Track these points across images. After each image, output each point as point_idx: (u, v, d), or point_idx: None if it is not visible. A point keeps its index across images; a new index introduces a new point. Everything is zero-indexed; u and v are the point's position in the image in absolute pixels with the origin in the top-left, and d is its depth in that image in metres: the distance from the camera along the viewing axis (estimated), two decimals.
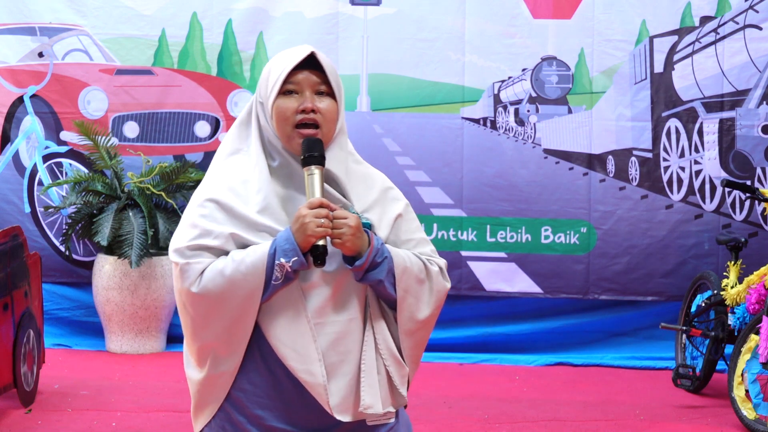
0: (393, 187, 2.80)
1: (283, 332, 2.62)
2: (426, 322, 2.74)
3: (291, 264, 2.56)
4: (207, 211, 2.64)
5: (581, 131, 7.63)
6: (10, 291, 5.85)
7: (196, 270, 2.60)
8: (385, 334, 2.70)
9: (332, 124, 2.67)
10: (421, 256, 2.73)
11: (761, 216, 7.47)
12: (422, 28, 7.62)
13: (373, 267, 2.62)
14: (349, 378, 2.65)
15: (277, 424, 2.67)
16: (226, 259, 2.60)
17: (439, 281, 2.75)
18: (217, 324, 2.62)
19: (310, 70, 2.66)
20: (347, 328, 2.66)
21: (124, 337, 7.41)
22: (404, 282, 2.67)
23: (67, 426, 5.75)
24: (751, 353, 5.90)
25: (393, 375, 2.70)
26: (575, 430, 5.92)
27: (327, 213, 2.57)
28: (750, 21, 7.47)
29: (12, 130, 7.70)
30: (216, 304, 2.60)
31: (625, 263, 7.61)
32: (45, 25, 7.68)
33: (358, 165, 2.76)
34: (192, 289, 2.60)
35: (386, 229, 2.72)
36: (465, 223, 7.63)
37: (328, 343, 2.64)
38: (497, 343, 7.64)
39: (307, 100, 2.64)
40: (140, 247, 7.19)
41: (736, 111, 7.49)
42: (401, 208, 2.76)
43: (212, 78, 7.70)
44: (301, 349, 2.61)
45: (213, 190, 2.66)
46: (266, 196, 2.64)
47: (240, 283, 2.58)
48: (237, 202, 2.63)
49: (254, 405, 2.67)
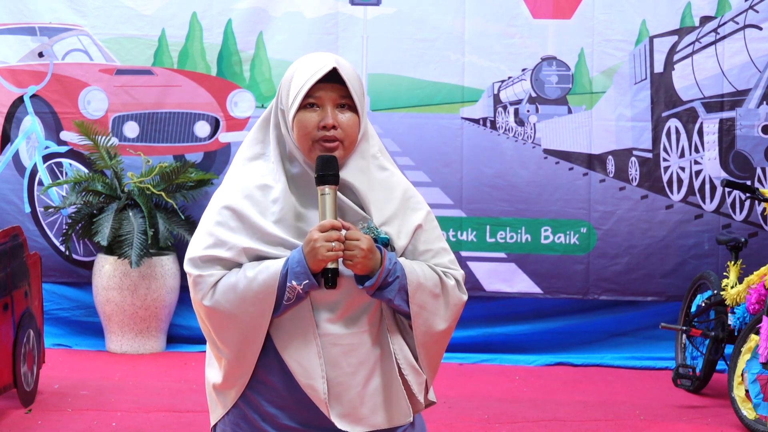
0: (415, 195, 2.76)
1: (290, 346, 2.65)
2: (443, 335, 2.74)
3: (302, 287, 2.58)
4: (222, 219, 2.66)
5: (581, 131, 7.63)
6: (10, 291, 5.85)
7: (209, 283, 2.63)
8: (402, 344, 2.71)
9: (353, 137, 2.66)
10: (437, 269, 2.71)
11: (761, 216, 7.47)
12: (422, 28, 7.62)
13: (384, 286, 2.62)
14: (360, 389, 2.67)
15: (290, 423, 2.69)
16: (240, 273, 2.62)
17: (455, 295, 2.73)
18: (230, 335, 2.65)
19: (332, 83, 2.65)
20: (359, 341, 2.67)
21: (124, 337, 7.41)
22: (418, 298, 2.66)
23: (67, 426, 5.75)
24: (751, 353, 5.90)
25: (411, 383, 2.72)
26: (575, 430, 5.92)
27: (338, 236, 2.56)
28: (750, 21, 7.47)
29: (12, 130, 7.70)
30: (228, 318, 2.63)
31: (625, 263, 7.61)
32: (45, 25, 7.68)
33: (381, 171, 2.74)
34: (204, 302, 2.64)
35: (405, 240, 2.70)
36: (465, 224, 7.63)
37: (338, 356, 2.65)
38: (497, 344, 7.64)
39: (329, 116, 2.63)
40: (140, 247, 7.19)
41: (736, 111, 7.49)
42: (421, 218, 2.73)
43: (212, 78, 7.69)
44: (306, 364, 2.63)
45: (230, 196, 2.68)
46: (283, 208, 2.64)
47: (251, 300, 2.60)
48: (252, 211, 2.64)
49: (268, 404, 2.69)
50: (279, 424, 2.69)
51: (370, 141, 2.74)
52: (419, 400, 2.75)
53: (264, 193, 2.66)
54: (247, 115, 7.68)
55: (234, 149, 7.67)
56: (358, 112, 2.66)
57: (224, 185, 2.73)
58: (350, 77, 2.66)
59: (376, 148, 2.75)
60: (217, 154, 7.71)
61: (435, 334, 2.71)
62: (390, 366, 2.69)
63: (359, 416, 2.68)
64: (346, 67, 2.68)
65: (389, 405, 2.70)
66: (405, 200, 2.73)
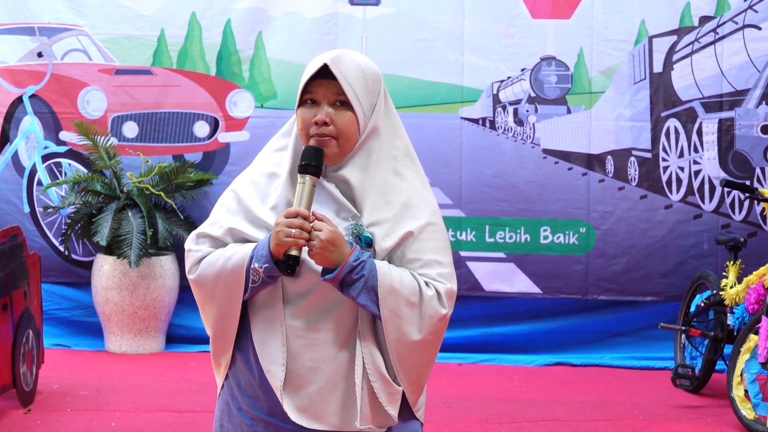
0: (418, 205, 2.69)
1: (260, 331, 2.69)
2: (419, 347, 2.65)
3: (263, 270, 2.61)
4: (226, 201, 2.77)
5: (580, 131, 7.63)
6: (10, 291, 5.85)
7: (195, 258, 2.74)
8: (372, 351, 2.65)
9: (349, 135, 2.66)
10: (420, 278, 2.65)
11: (760, 216, 7.47)
12: (421, 28, 7.62)
13: (348, 283, 2.59)
14: (320, 386, 2.66)
15: (260, 415, 2.71)
16: (221, 251, 2.70)
17: (432, 306, 2.64)
18: (209, 311, 2.76)
19: (330, 80, 2.65)
20: (323, 337, 2.66)
21: (124, 337, 7.41)
22: (390, 303, 2.61)
23: (66, 426, 5.75)
24: (750, 353, 5.90)
25: (378, 392, 2.65)
26: (574, 430, 5.92)
27: (301, 223, 2.56)
28: (749, 21, 7.47)
29: (11, 130, 7.70)
30: (207, 293, 2.73)
31: (624, 263, 7.61)
32: (44, 25, 7.68)
33: (393, 176, 2.71)
34: (190, 275, 2.76)
35: (390, 243, 2.66)
36: (464, 224, 7.64)
37: (301, 348, 2.66)
38: (496, 344, 7.64)
39: (321, 112, 2.65)
40: (139, 247, 7.19)
41: (736, 111, 7.50)
42: (416, 227, 2.66)
43: (211, 78, 7.69)
44: (271, 349, 2.67)
45: (240, 182, 2.78)
46: (281, 195, 2.69)
47: (225, 279, 2.68)
48: (252, 196, 2.71)
49: (243, 393, 2.74)
50: (251, 414, 2.72)
51: (390, 140, 2.73)
52: (388, 412, 2.67)
53: (269, 180, 2.72)
54: (246, 115, 7.68)
55: (233, 149, 7.68)
56: (356, 110, 2.66)
57: (243, 172, 2.82)
58: (349, 74, 2.65)
59: (400, 150, 2.74)
60: (217, 154, 7.71)
61: (408, 344, 2.64)
62: (359, 372, 2.64)
63: (317, 413, 2.66)
64: (348, 64, 2.66)
65: (346, 408, 2.66)
66: (405, 207, 2.69)
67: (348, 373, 2.66)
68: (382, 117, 2.71)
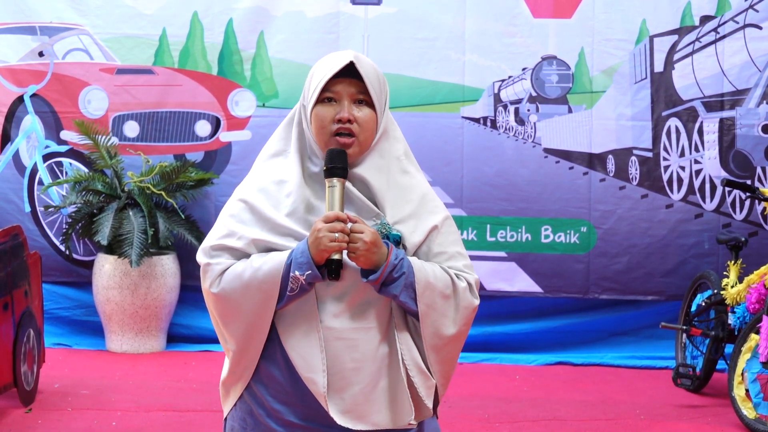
0: (434, 200, 2.77)
1: (294, 339, 2.65)
2: (453, 339, 2.70)
3: (305, 277, 2.59)
4: (236, 211, 2.70)
5: (581, 130, 7.63)
6: (11, 290, 5.85)
7: (217, 271, 2.66)
8: (410, 345, 2.68)
9: (369, 133, 2.68)
10: (450, 271, 2.69)
11: (761, 215, 7.47)
12: (422, 27, 7.62)
13: (389, 282, 2.61)
14: (362, 386, 2.65)
15: (294, 420, 2.69)
16: (247, 262, 2.64)
17: (466, 297, 2.70)
18: (235, 324, 2.67)
19: (350, 78, 2.66)
20: (363, 336, 2.65)
21: (124, 337, 7.41)
22: (426, 297, 2.65)
23: (67, 425, 5.75)
24: (751, 353, 5.90)
25: (418, 386, 2.68)
26: (575, 430, 5.92)
27: (342, 227, 2.57)
28: (750, 20, 7.47)
29: (12, 130, 7.70)
30: (233, 306, 2.65)
31: (625, 263, 7.61)
32: (45, 25, 7.68)
33: (403, 175, 2.75)
34: (212, 289, 2.67)
35: (419, 237, 2.69)
36: (465, 223, 7.64)
37: (341, 350, 2.64)
38: (497, 343, 7.64)
39: (344, 109, 2.65)
40: (140, 247, 7.19)
41: (736, 110, 7.50)
42: (438, 220, 2.72)
43: (213, 77, 7.70)
44: (309, 357, 2.63)
45: (246, 191, 2.72)
46: (295, 200, 2.66)
47: (256, 290, 2.62)
48: (265, 204, 2.67)
49: (273, 399, 2.70)
50: (283, 420, 2.69)
51: (392, 142, 2.75)
52: (426, 405, 2.70)
53: (279, 187, 2.69)
54: (247, 115, 7.68)
55: (235, 148, 7.68)
56: (376, 108, 2.68)
57: (244, 181, 2.78)
58: (369, 74, 2.67)
59: (401, 151, 2.76)
60: (218, 154, 7.71)
61: (444, 337, 2.68)
62: (396, 365, 2.67)
63: (361, 413, 2.65)
64: (367, 64, 2.69)
65: (394, 405, 2.67)
66: (423, 203, 2.73)
67: (387, 370, 2.66)
68: (388, 119, 2.75)
